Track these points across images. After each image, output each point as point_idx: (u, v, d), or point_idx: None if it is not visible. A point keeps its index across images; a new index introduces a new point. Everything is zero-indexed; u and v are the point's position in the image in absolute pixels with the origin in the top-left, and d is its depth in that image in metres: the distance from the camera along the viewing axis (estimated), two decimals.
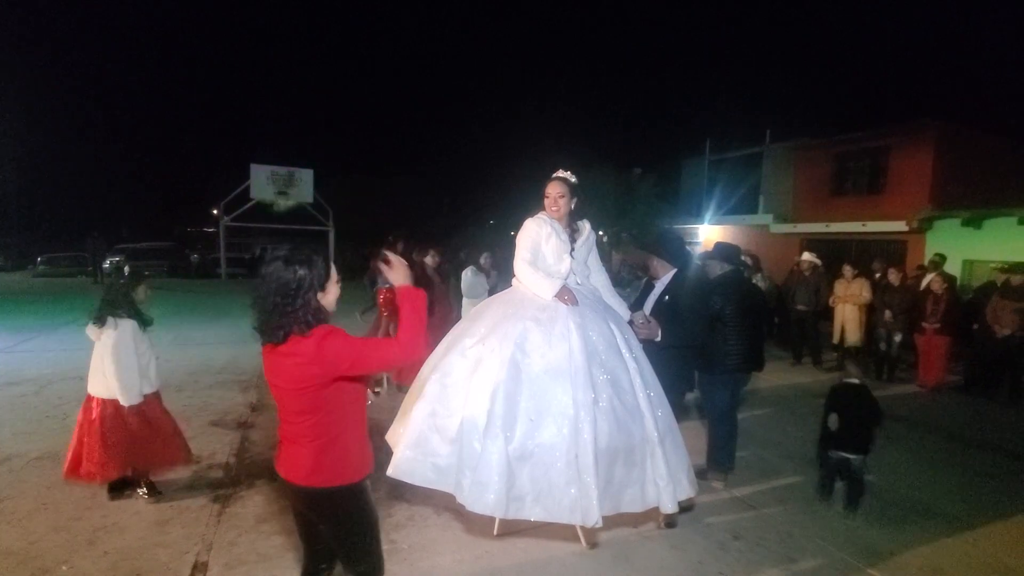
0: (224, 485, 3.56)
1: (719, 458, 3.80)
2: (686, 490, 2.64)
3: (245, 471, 3.78)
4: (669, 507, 2.51)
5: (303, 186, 21.28)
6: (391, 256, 1.86)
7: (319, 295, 1.70)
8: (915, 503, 3.68)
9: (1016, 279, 6.30)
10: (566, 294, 2.70)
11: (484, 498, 2.26)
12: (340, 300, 1.83)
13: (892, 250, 13.09)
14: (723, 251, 3.84)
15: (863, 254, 13.49)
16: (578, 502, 2.30)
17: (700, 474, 3.86)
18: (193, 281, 19.49)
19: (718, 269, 3.70)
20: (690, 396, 4.43)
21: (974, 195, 12.12)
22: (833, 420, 3.43)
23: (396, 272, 1.84)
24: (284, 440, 1.80)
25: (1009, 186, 12.44)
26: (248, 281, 15.10)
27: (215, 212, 22.49)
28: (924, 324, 6.62)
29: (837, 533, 3.25)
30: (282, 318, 1.62)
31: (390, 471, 2.44)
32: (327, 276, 1.73)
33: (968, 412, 5.92)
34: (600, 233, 18.88)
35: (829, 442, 3.52)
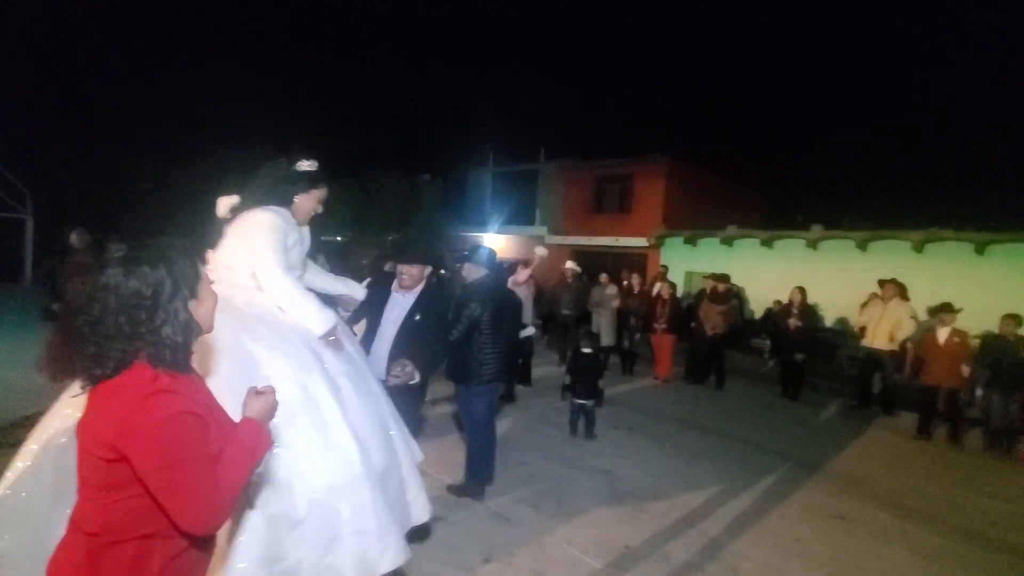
0: None
1: (478, 471, 3.57)
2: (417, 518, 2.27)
3: None
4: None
5: None
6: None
7: (192, 304, 1.24)
8: (648, 489, 3.98)
9: (720, 287, 7.69)
10: (333, 334, 2.14)
11: None
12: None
13: (638, 262, 15.32)
14: (479, 255, 3.63)
15: (616, 265, 15.48)
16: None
17: (459, 490, 3.60)
18: None
19: (474, 273, 3.48)
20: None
21: (694, 218, 14.93)
22: (567, 379, 5.06)
23: (252, 403, 1.33)
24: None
25: (717, 211, 15.71)
26: None
27: None
28: (655, 325, 7.64)
29: (583, 533, 3.27)
30: (129, 344, 1.14)
31: None
32: (197, 277, 1.26)
33: (689, 399, 6.96)
34: (390, 238, 18.21)
35: (571, 393, 4.99)
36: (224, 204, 2.27)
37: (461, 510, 3.45)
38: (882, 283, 6.90)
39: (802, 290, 7.47)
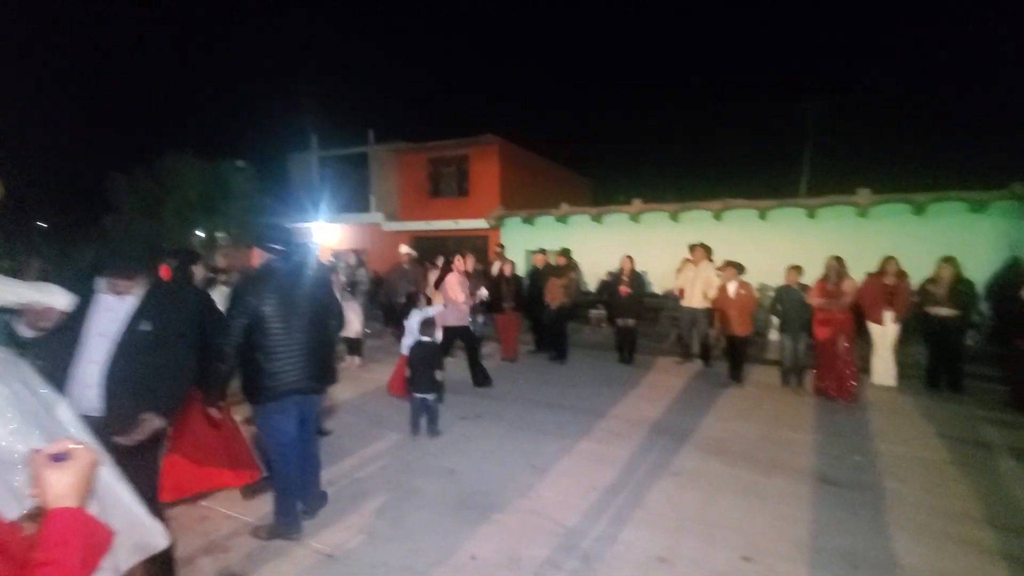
0: None
1: (285, 505, 2.88)
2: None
3: None
4: None
5: None
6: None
7: None
8: (496, 483, 3.67)
9: (560, 260, 7.78)
10: None
11: None
12: None
13: (479, 244, 15.23)
14: (267, 234, 2.86)
15: (458, 248, 15.22)
16: None
17: (269, 532, 2.90)
18: None
19: (259, 259, 2.75)
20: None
21: (530, 198, 15.23)
22: (408, 372, 4.60)
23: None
24: None
25: (550, 192, 16.22)
26: None
27: None
28: (503, 304, 7.46)
29: (423, 554, 2.82)
30: None
31: None
32: None
33: (534, 377, 6.90)
34: (198, 232, 15.61)
35: (410, 387, 4.57)
36: None
37: (273, 557, 2.77)
38: (692, 248, 7.52)
39: (631, 258, 7.86)
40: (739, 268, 6.49)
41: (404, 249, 7.92)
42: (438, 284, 6.78)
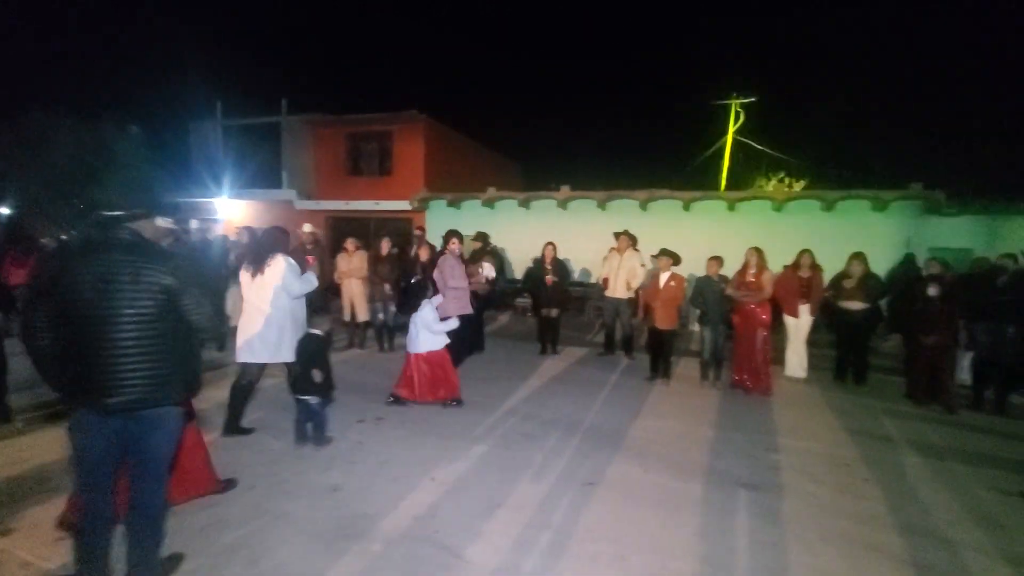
0: None
1: (87, 556, 2.18)
2: None
3: None
4: None
5: None
6: None
7: None
8: (385, 501, 3.15)
9: (475, 245, 7.28)
10: None
11: None
12: None
13: (403, 227, 14.42)
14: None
15: (381, 230, 14.34)
16: None
17: None
18: None
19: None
20: None
21: (456, 181, 14.57)
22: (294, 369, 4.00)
23: None
24: None
25: (478, 176, 15.62)
26: None
27: None
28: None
29: None
30: None
31: None
32: None
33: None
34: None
35: (292, 388, 4.01)
36: None
37: None
38: (617, 236, 7.27)
39: (553, 245, 7.51)
40: (675, 258, 6.17)
41: (307, 228, 7.10)
42: (429, 268, 6.08)
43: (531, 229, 12.22)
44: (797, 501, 3.34)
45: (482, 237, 7.26)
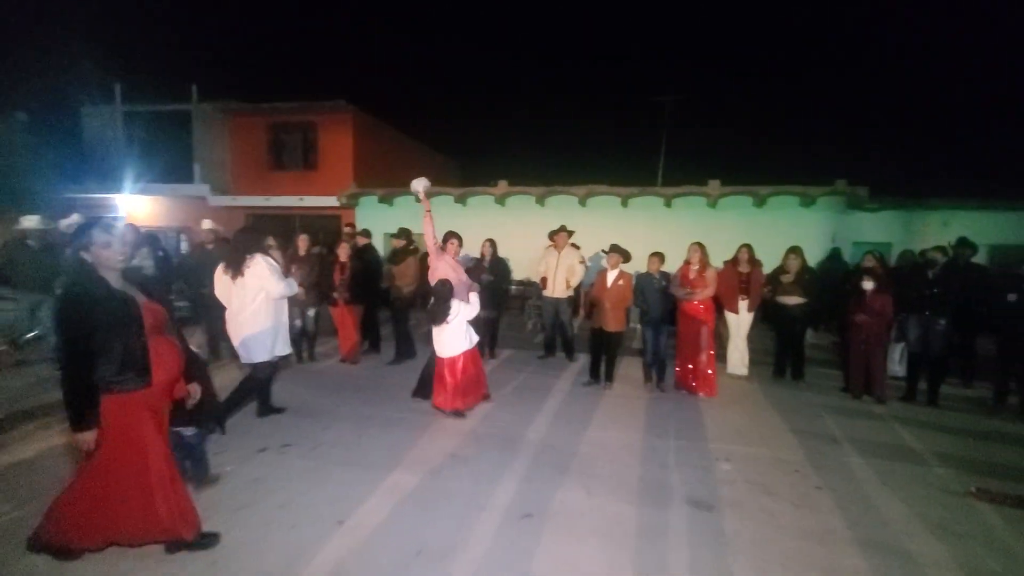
0: None
1: None
2: None
3: None
4: None
5: None
6: None
7: None
8: (266, 560, 2.57)
9: (395, 243, 6.71)
10: None
11: None
12: None
13: (330, 224, 13.51)
14: None
15: (307, 228, 13.37)
16: None
17: None
18: None
19: None
20: None
21: (389, 177, 13.78)
22: None
23: None
24: None
25: (413, 172, 14.85)
26: None
27: None
28: (333, 295, 6.20)
29: None
30: None
31: None
32: None
33: (371, 383, 5.78)
34: None
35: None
36: None
37: None
38: (552, 234, 6.83)
39: (492, 242, 7.05)
40: (625, 255, 5.77)
41: (207, 225, 6.24)
42: (425, 271, 5.24)
43: (469, 226, 11.61)
44: (753, 521, 3.05)
45: (405, 234, 6.62)
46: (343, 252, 6.31)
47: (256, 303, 4.02)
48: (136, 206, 14.67)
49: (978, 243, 6.28)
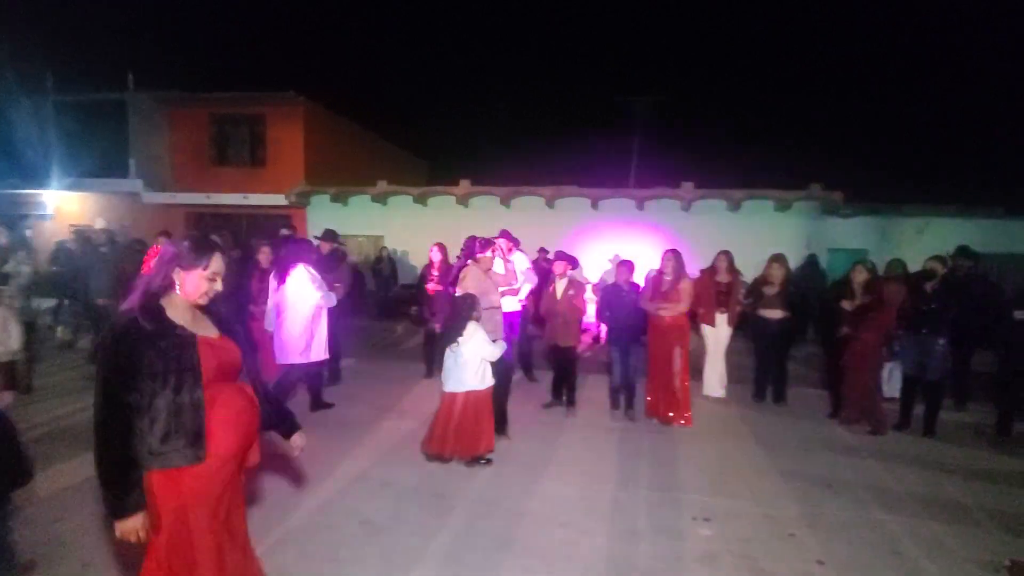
0: None
1: None
2: None
3: None
4: None
5: None
6: None
7: None
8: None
9: (324, 247, 5.82)
10: None
11: None
12: None
13: (278, 223, 12.48)
14: None
15: (252, 227, 12.38)
16: None
17: None
18: None
19: None
20: None
21: (345, 175, 12.85)
22: None
23: None
24: None
25: (373, 172, 13.95)
26: None
27: None
28: (251, 308, 5.30)
29: None
30: None
31: None
32: None
33: (301, 406, 4.93)
34: None
35: None
36: None
37: None
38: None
39: (442, 247, 6.23)
40: (571, 262, 5.10)
41: (99, 224, 5.29)
42: (454, 281, 4.21)
43: (429, 228, 10.86)
44: None
45: (330, 236, 5.62)
46: (264, 256, 5.41)
47: (297, 309, 4.31)
48: (66, 203, 13.38)
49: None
